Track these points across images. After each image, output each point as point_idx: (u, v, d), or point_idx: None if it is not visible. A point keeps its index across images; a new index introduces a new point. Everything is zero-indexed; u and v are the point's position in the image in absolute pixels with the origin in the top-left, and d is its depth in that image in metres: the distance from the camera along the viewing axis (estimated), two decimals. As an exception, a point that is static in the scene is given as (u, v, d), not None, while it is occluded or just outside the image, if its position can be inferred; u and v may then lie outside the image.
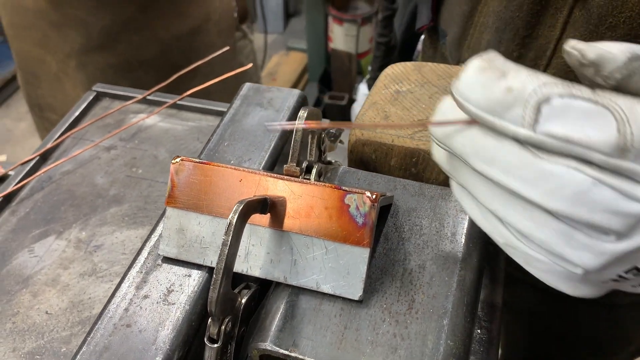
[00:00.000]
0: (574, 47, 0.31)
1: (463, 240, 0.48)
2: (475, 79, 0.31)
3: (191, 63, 0.85)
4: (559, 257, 0.33)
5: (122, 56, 1.25)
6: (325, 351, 0.42)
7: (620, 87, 0.31)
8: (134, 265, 0.48)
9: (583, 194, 0.30)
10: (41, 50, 1.26)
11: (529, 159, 0.31)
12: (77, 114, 0.83)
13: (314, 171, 0.53)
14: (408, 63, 0.60)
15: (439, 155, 0.39)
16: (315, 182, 0.44)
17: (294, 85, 2.53)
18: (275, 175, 0.45)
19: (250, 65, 0.79)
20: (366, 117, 0.55)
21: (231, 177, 0.46)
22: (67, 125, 0.82)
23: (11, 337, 0.61)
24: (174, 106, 0.85)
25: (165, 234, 0.48)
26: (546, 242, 0.33)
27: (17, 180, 0.74)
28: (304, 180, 0.45)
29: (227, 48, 0.70)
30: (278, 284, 0.46)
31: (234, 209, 0.40)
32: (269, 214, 0.45)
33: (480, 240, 0.49)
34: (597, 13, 0.56)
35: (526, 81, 0.30)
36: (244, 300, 0.45)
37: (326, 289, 0.44)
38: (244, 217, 0.41)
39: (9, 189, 0.72)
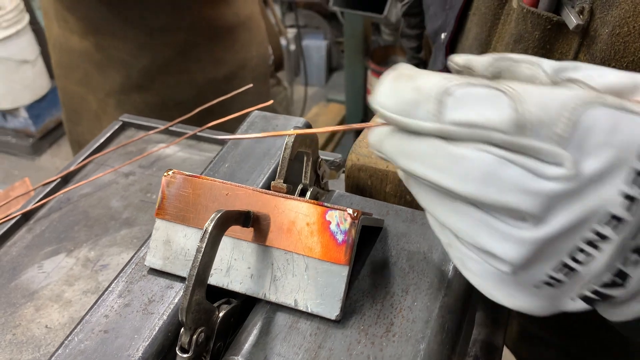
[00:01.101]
0: (449, 59, 0.37)
1: (451, 267, 0.47)
2: (388, 86, 0.33)
3: (225, 107, 0.87)
4: (484, 251, 0.33)
5: (158, 96, 1.30)
6: (295, 369, 0.41)
7: None
8: (121, 274, 0.49)
9: (491, 175, 0.30)
10: (83, 88, 1.33)
11: (441, 146, 0.32)
12: (101, 140, 0.87)
13: (308, 194, 0.53)
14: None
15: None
16: (298, 198, 0.45)
17: (331, 136, 2.57)
18: (260, 190, 0.46)
19: (270, 102, 0.81)
20: (362, 143, 0.56)
21: (218, 191, 0.47)
22: (91, 150, 0.85)
23: (9, 348, 0.62)
24: (195, 137, 0.88)
25: (153, 245, 0.49)
26: (468, 233, 0.33)
27: (37, 200, 0.77)
28: (288, 196, 0.45)
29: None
30: (260, 299, 0.46)
31: (211, 217, 0.40)
32: (252, 229, 0.46)
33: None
34: (600, 57, 0.55)
35: (432, 80, 0.32)
36: (221, 314, 0.44)
37: (303, 307, 0.44)
38: (221, 226, 0.41)
39: (28, 207, 0.75)
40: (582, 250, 0.32)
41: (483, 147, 0.31)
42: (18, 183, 0.85)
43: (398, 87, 0.33)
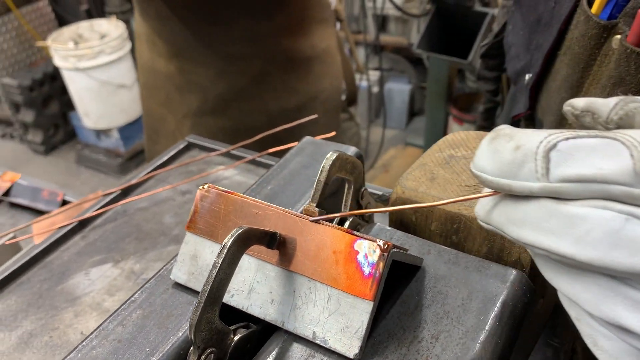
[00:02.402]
0: (566, 104, 0.31)
1: (490, 318, 0.42)
2: (487, 148, 0.31)
3: (294, 136, 0.87)
4: (618, 326, 0.28)
5: (231, 121, 1.33)
6: (303, 406, 0.37)
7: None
8: (145, 285, 0.48)
9: (616, 235, 0.26)
10: (164, 109, 1.38)
11: (552, 207, 0.28)
12: (165, 158, 0.89)
13: (346, 224, 0.51)
14: (472, 132, 0.57)
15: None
16: (328, 224, 0.42)
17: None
18: (290, 212, 0.44)
19: (333, 133, 0.79)
20: (411, 176, 0.52)
21: (248, 209, 0.45)
22: (154, 167, 0.87)
23: (44, 349, 0.62)
24: (254, 163, 0.87)
25: (180, 259, 0.48)
26: (597, 305, 0.29)
27: (94, 209, 0.79)
28: (316, 219, 0.43)
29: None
30: (279, 327, 0.43)
31: (232, 232, 0.39)
32: (278, 252, 0.43)
33: (512, 323, 0.42)
34: None
35: (532, 136, 0.29)
36: (236, 338, 0.42)
37: (321, 341, 0.41)
38: (241, 243, 0.39)
39: (85, 215, 0.77)
40: None
41: (602, 204, 0.27)
42: (92, 195, 0.88)
43: (497, 148, 0.30)
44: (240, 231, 0.39)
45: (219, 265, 0.38)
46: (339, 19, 1.42)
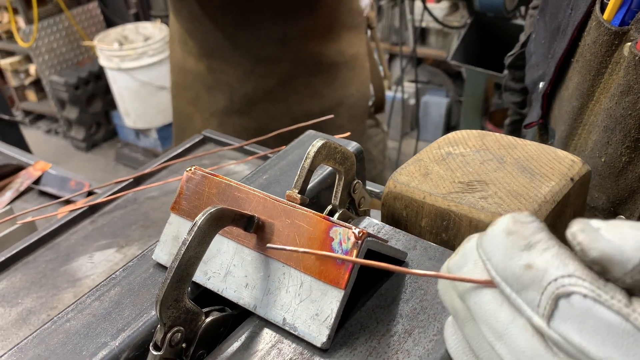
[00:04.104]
0: (574, 237, 0.26)
1: (469, 317, 0.40)
2: (500, 240, 0.28)
3: None
4: None
5: (256, 122, 1.34)
6: (263, 391, 0.37)
7: None
8: (128, 264, 0.48)
9: None
10: (192, 108, 1.40)
11: (540, 351, 0.26)
12: (180, 150, 0.90)
13: (336, 216, 0.50)
14: (474, 131, 0.55)
15: (444, 291, 0.33)
16: (305, 209, 0.41)
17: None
18: (271, 196, 0.43)
19: (348, 133, 0.79)
20: (405, 171, 0.51)
21: (230, 192, 0.45)
22: (168, 157, 0.88)
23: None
24: (265, 159, 0.87)
25: (163, 239, 0.48)
26: None
27: (105, 195, 0.80)
28: (296, 206, 0.42)
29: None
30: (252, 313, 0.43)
31: (205, 210, 0.38)
32: (256, 236, 0.43)
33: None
34: None
35: (550, 264, 0.26)
36: (208, 320, 0.42)
37: (290, 327, 0.40)
38: (214, 222, 0.39)
39: (96, 201, 0.79)
40: None
41: None
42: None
43: (510, 250, 0.27)
44: (213, 210, 0.39)
45: (187, 242, 0.38)
46: (370, 26, 1.42)
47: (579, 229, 0.25)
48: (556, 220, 0.47)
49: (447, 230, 0.48)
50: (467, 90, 2.38)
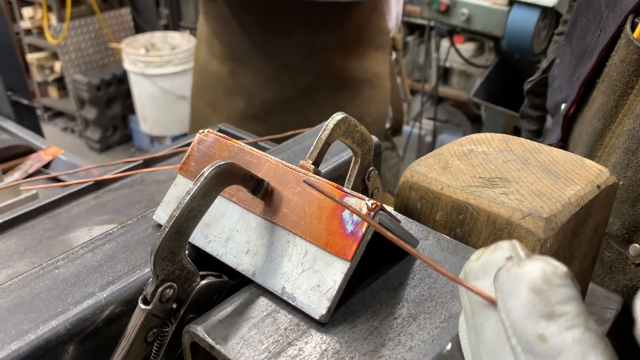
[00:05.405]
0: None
1: (479, 309, 0.38)
2: (522, 293, 0.25)
3: None
4: None
5: (272, 130, 1.32)
6: (251, 358, 0.34)
7: None
8: (127, 222, 0.46)
9: None
10: (210, 109, 1.40)
11: None
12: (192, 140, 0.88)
13: (347, 200, 0.48)
14: (497, 134, 0.53)
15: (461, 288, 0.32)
16: (318, 177, 0.39)
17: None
18: (282, 162, 0.41)
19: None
20: (424, 162, 0.49)
21: (242, 156, 0.43)
22: (181, 144, 0.87)
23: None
24: (279, 158, 0.86)
25: (166, 200, 0.46)
26: None
27: (113, 172, 0.78)
28: (309, 174, 0.40)
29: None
30: (252, 280, 0.40)
31: (213, 163, 0.37)
32: (263, 202, 0.41)
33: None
34: None
35: (567, 348, 0.23)
36: (203, 282, 0.39)
37: (289, 297, 0.37)
38: (222, 176, 0.37)
39: (103, 177, 0.77)
40: None
41: None
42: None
43: (529, 308, 0.25)
44: (222, 163, 0.37)
45: (192, 192, 0.36)
46: (396, 48, 1.42)
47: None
48: (578, 228, 0.45)
49: (463, 225, 0.45)
50: (485, 130, 2.37)
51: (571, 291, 0.25)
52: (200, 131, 0.46)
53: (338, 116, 0.43)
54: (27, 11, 3.16)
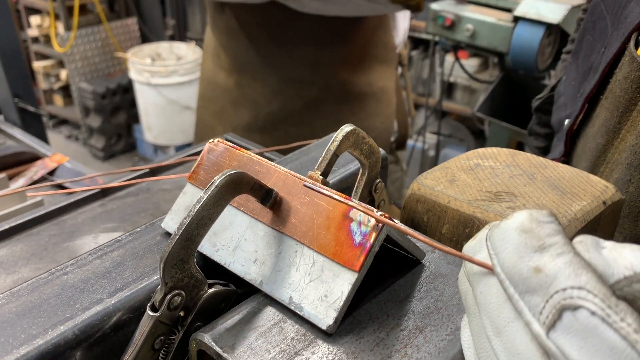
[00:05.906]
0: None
1: (485, 322, 0.38)
2: (512, 237, 0.26)
3: None
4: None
5: (277, 142, 1.33)
6: (260, 366, 0.34)
7: None
8: (136, 229, 0.46)
9: None
10: (216, 120, 1.40)
11: (536, 357, 0.25)
12: (200, 148, 0.89)
13: (354, 211, 0.48)
14: (504, 149, 0.54)
15: (461, 281, 0.33)
16: (327, 188, 0.40)
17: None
18: (291, 173, 0.42)
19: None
20: (430, 175, 0.50)
21: (251, 166, 0.43)
22: (188, 154, 0.87)
23: (33, 297, 0.61)
24: (285, 169, 0.86)
25: (175, 208, 0.46)
26: None
27: (120, 180, 0.79)
28: (317, 184, 0.40)
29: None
30: (259, 289, 0.41)
31: (224, 172, 0.37)
32: (272, 212, 0.41)
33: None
34: None
35: (561, 271, 0.24)
36: (211, 291, 0.40)
37: (296, 307, 0.38)
38: (232, 185, 0.37)
39: (109, 185, 0.78)
40: None
41: None
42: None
43: (521, 249, 0.26)
44: (232, 172, 0.37)
45: (202, 200, 0.36)
46: (402, 63, 1.42)
47: (579, 241, 0.26)
48: (584, 243, 0.45)
49: (469, 239, 0.45)
50: (488, 145, 2.37)
51: (557, 226, 0.26)
52: (210, 140, 0.46)
53: (347, 128, 0.44)
54: (34, 19, 3.19)
